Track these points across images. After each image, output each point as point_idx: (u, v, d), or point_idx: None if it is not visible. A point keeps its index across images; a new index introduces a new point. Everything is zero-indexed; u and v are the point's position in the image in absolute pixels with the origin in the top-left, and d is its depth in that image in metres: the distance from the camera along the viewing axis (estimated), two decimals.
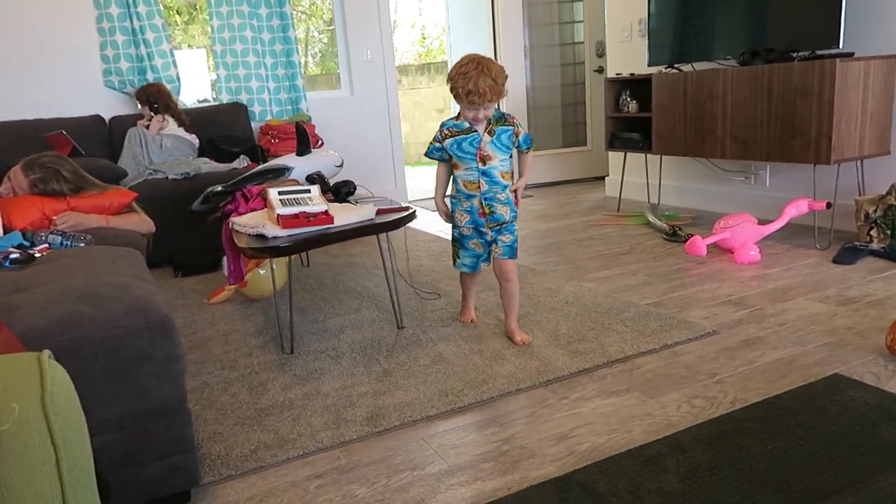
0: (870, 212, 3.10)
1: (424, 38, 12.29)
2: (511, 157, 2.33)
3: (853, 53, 3.16)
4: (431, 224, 4.57)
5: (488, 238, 2.34)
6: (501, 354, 2.24)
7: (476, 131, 2.25)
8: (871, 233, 3.10)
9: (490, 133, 2.25)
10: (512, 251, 2.34)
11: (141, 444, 1.45)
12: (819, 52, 3.22)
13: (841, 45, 3.12)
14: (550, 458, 1.63)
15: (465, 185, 2.30)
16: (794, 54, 3.28)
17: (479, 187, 2.28)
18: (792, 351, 2.14)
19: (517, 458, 1.65)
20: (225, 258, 2.97)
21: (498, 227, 2.32)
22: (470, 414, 1.88)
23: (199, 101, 4.83)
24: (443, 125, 2.31)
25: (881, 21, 3.22)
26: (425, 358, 2.25)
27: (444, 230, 4.37)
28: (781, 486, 1.46)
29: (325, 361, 2.29)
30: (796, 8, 3.30)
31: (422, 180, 6.99)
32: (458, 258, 2.43)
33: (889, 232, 3.04)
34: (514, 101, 5.70)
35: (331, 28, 5.38)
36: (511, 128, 2.28)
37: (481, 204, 2.29)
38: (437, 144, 2.33)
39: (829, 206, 3.08)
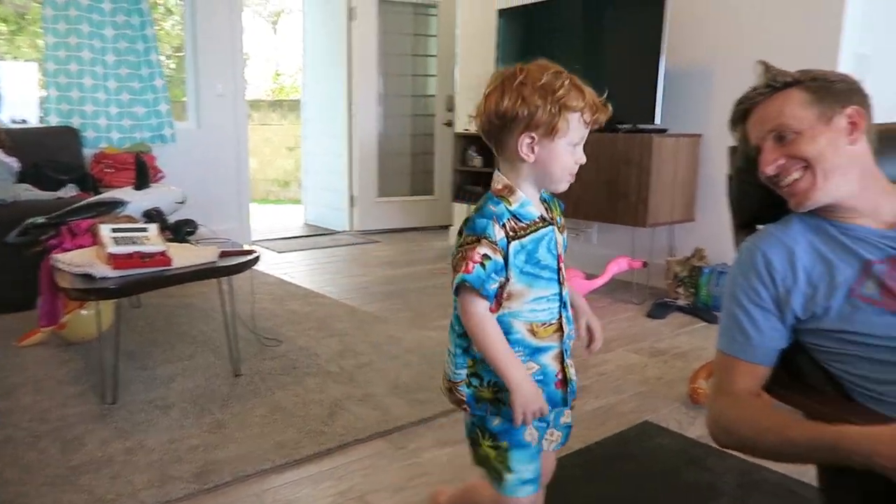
0: (678, 272, 3.47)
1: (279, 75, 12.15)
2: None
3: (667, 130, 3.58)
4: (275, 266, 4.47)
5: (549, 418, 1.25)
6: (341, 404, 2.23)
7: (550, 224, 1.21)
8: (679, 290, 3.47)
9: (561, 229, 1.25)
10: (569, 432, 1.34)
11: None
12: (640, 127, 3.60)
13: (657, 122, 3.51)
14: None
15: (532, 332, 1.18)
16: (620, 126, 3.65)
17: (562, 331, 1.22)
18: (610, 399, 2.33)
19: None
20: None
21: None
22: (307, 466, 1.85)
23: (14, 122, 4.38)
24: (499, 215, 1.14)
25: (689, 103, 3.68)
26: (263, 407, 2.19)
27: (290, 273, 4.29)
28: None
29: (151, 412, 2.15)
30: (623, 86, 3.68)
31: (267, 219, 6.83)
32: (512, 471, 1.20)
33: (693, 290, 3.43)
34: (366, 146, 5.78)
35: (179, 55, 5.19)
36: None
37: (561, 362, 1.22)
38: (498, 260, 1.13)
39: (644, 265, 3.42)
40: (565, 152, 1.15)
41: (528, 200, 1.18)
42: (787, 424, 1.02)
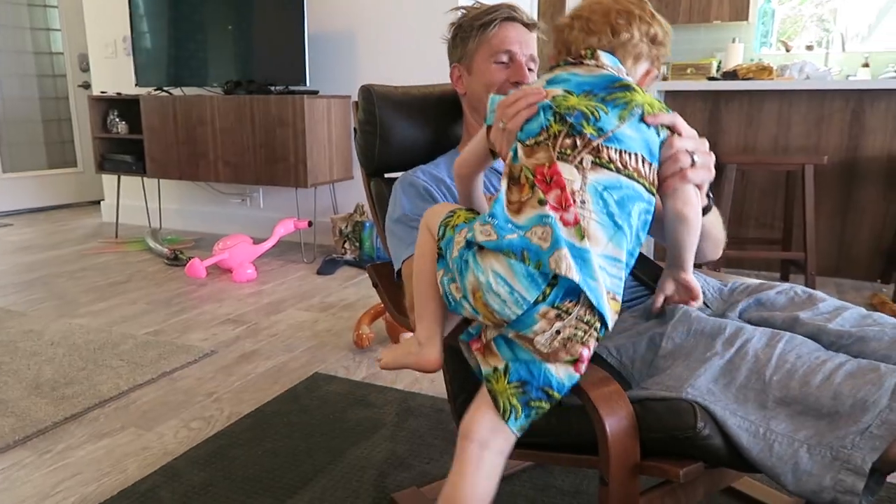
0: (342, 228, 3.63)
1: None
2: None
3: (318, 92, 3.66)
4: None
5: None
6: None
7: None
8: (345, 246, 3.64)
9: None
10: None
11: None
12: (292, 88, 3.63)
13: (308, 84, 3.57)
14: None
15: None
16: (273, 88, 3.63)
17: None
18: (282, 358, 2.37)
19: None
20: None
21: None
22: None
23: None
24: None
25: (337, 66, 3.81)
26: None
27: None
28: (269, 486, 1.62)
29: None
30: (271, 47, 3.65)
31: None
32: None
33: (358, 244, 3.63)
34: None
35: None
36: None
37: None
38: None
39: (310, 224, 3.50)
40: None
41: None
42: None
